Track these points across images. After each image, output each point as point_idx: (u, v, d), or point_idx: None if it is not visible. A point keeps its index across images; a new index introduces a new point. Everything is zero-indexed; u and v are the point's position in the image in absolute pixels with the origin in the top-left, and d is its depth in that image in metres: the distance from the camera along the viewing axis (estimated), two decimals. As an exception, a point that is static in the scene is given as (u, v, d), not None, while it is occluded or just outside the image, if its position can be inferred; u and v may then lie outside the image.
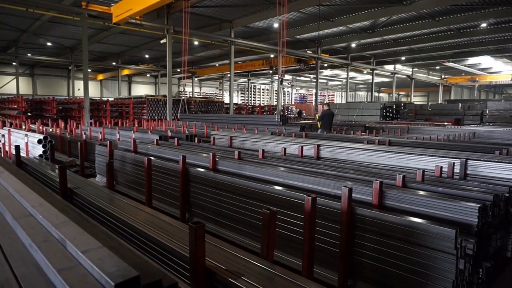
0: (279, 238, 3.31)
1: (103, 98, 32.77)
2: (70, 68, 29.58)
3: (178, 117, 20.16)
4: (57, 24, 20.41)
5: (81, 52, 16.32)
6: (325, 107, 11.54)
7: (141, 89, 41.26)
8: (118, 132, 9.68)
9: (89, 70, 23.32)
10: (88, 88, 16.22)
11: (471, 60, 31.17)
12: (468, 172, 4.72)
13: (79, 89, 30.27)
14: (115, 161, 6.18)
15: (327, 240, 3.16)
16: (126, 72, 34.55)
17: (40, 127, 12.20)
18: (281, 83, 19.91)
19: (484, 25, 19.70)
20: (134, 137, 8.45)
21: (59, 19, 17.88)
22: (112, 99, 28.27)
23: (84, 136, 9.26)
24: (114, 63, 31.73)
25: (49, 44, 25.42)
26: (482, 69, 35.98)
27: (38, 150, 7.50)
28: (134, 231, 2.60)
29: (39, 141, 7.49)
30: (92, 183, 4.09)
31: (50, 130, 11.88)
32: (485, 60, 30.72)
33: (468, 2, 15.79)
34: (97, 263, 1.11)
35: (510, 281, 3.43)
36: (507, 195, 3.40)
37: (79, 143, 7.10)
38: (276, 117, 13.48)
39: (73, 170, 7.00)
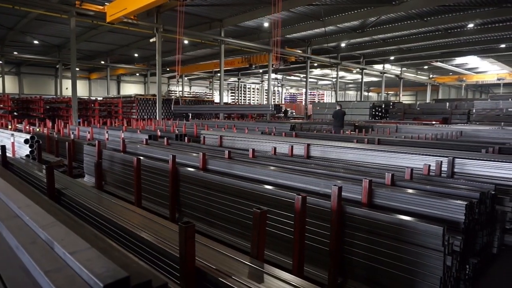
0: (269, 237, 3.32)
1: (91, 98, 32.38)
2: (57, 67, 29.13)
3: (172, 108, 20.26)
4: (45, 22, 20.08)
5: (69, 50, 16.09)
6: (337, 107, 12.37)
7: (130, 88, 40.87)
8: (107, 132, 9.58)
9: (77, 69, 23.02)
10: (76, 87, 16.02)
11: (458, 60, 31.67)
12: (456, 170, 4.80)
13: (67, 88, 29.82)
14: (104, 161, 6.12)
15: (317, 239, 3.18)
16: (120, 71, 34.16)
17: (27, 127, 11.99)
18: (276, 72, 20.81)
19: (471, 25, 20.03)
20: (123, 136, 8.37)
21: (46, 17, 17.60)
22: (101, 98, 27.96)
23: (72, 136, 9.13)
24: (103, 62, 31.37)
25: (36, 42, 25.01)
26: (469, 69, 36.57)
27: (24, 150, 7.37)
28: (123, 231, 2.57)
29: (26, 141, 7.36)
30: (80, 183, 4.04)
31: (37, 129, 11.69)
32: (472, 60, 31.22)
33: (456, 2, 16.04)
34: (86, 264, 1.10)
35: (496, 277, 3.49)
36: (493, 192, 3.46)
37: (67, 143, 7.00)
38: (270, 105, 14.24)
39: (61, 170, 6.90)
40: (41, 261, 1.19)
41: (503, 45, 24.22)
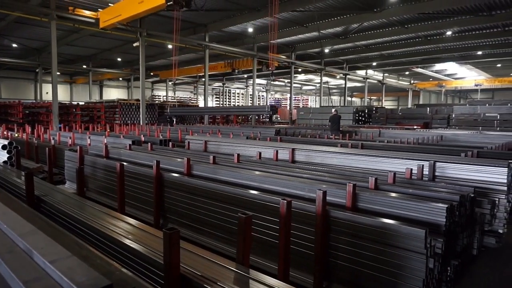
0: (255, 242, 3.31)
1: (73, 102, 31.74)
2: (37, 70, 28.48)
3: (168, 111, 20.41)
4: (24, 24, 19.63)
5: (50, 54, 15.76)
6: (334, 112, 13.23)
7: (113, 93, 40.30)
8: (89, 137, 9.41)
9: (58, 73, 22.55)
10: (57, 92, 15.69)
11: (438, 66, 32.55)
12: (436, 173, 4.90)
13: (47, 93, 29.19)
14: (86, 167, 6.00)
15: (303, 243, 3.19)
16: (105, 76, 33.56)
17: (5, 132, 11.66)
18: (273, 80, 21.50)
19: (449, 33, 20.65)
20: (105, 142, 8.23)
21: (25, 19, 17.21)
22: (83, 103, 27.45)
23: (52, 142, 8.92)
24: (84, 66, 30.84)
25: (14, 45, 24.42)
26: (448, 75, 37.63)
27: (2, 156, 7.15)
28: (106, 238, 2.52)
29: (4, 147, 7.14)
30: (61, 190, 3.94)
31: (16, 135, 11.39)
32: (450, 66, 32.14)
33: (434, 10, 16.51)
34: (67, 273, 1.07)
35: (476, 278, 3.57)
36: (472, 195, 3.55)
37: (47, 148, 6.84)
38: (266, 106, 14.88)
39: (41, 176, 6.73)
40: (19, 271, 1.15)
41: (479, 52, 25.05)
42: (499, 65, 31.59)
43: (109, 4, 15.33)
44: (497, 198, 4.22)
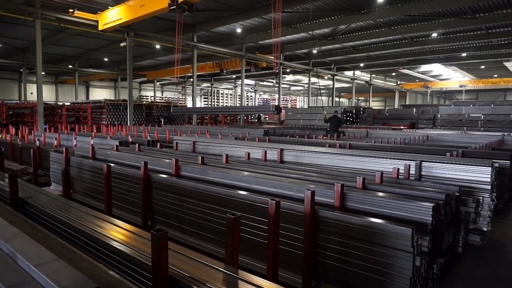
0: (243, 243, 3.31)
1: (58, 103, 31.19)
2: (21, 70, 27.89)
3: (171, 111, 20.87)
4: (7, 23, 19.19)
5: (34, 54, 15.46)
6: (334, 113, 13.91)
7: (100, 93, 39.75)
8: (75, 138, 9.27)
9: (43, 73, 22.10)
10: (42, 92, 15.39)
11: (424, 68, 33.07)
12: (423, 173, 4.98)
13: (32, 93, 28.64)
14: (72, 168, 5.91)
15: (291, 243, 3.20)
16: (91, 77, 33.00)
17: (-12, 133, 11.40)
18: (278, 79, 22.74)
19: (434, 34, 21.02)
20: (92, 143, 8.12)
21: (9, 18, 16.81)
22: (69, 103, 27.01)
23: (37, 143, 8.75)
24: (70, 66, 30.33)
25: (-3, 44, 23.89)
26: (433, 76, 38.26)
27: (-15, 158, 6.99)
28: (93, 241, 2.49)
29: (-13, 148, 6.98)
30: (46, 192, 3.87)
31: (-1, 136, 11.14)
32: (436, 68, 32.70)
33: (420, 13, 16.77)
34: (52, 276, 1.05)
35: (461, 275, 3.64)
36: (458, 194, 3.62)
37: (32, 149, 6.71)
38: (272, 106, 16.00)
39: (25, 178, 6.61)
40: (3, 276, 1.13)
41: (464, 54, 25.54)
42: (482, 66, 32.27)
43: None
44: (481, 197, 4.31)
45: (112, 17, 14.57)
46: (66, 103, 26.87)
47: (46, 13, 14.80)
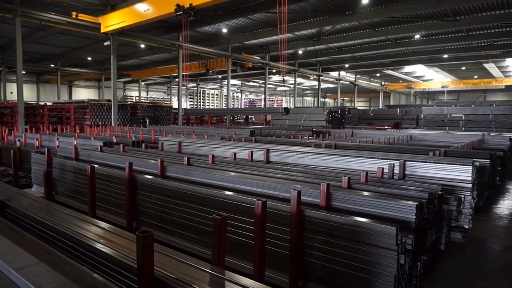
0: (230, 243, 3.30)
1: (40, 103, 30.49)
2: (1, 69, 27.18)
3: (183, 112, 20.78)
4: (-14, 21, 18.68)
5: (14, 52, 15.07)
6: (335, 114, 14.54)
7: (83, 93, 39.05)
8: (58, 139, 9.07)
9: (24, 72, 21.57)
10: (22, 91, 15.02)
11: (407, 69, 33.68)
12: (406, 172, 5.06)
13: (11, 93, 27.97)
14: (54, 169, 5.79)
15: (278, 243, 3.21)
16: (75, 77, 32.37)
17: (-34, 134, 11.06)
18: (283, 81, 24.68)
19: (417, 36, 21.45)
20: (75, 143, 7.97)
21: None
22: (51, 103, 26.43)
23: (18, 143, 8.53)
24: (52, 65, 29.69)
25: (-25, 43, 23.22)
26: (417, 77, 39.01)
27: (-37, 159, 6.79)
28: (76, 243, 2.44)
29: (-35, 150, 6.78)
30: (27, 194, 3.78)
31: (-22, 137, 10.82)
32: (419, 69, 33.35)
33: (403, 15, 17.08)
34: (34, 280, 1.03)
35: (444, 272, 3.72)
36: (440, 193, 3.69)
37: (12, 150, 6.54)
38: (281, 108, 16.56)
39: (5, 180, 6.44)
40: (-18, 280, 1.10)
41: (445, 55, 26.15)
42: (463, 68, 33.10)
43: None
44: (463, 195, 4.41)
45: (115, 19, 14.58)
46: (48, 103, 26.28)
47: (26, 10, 14.46)
